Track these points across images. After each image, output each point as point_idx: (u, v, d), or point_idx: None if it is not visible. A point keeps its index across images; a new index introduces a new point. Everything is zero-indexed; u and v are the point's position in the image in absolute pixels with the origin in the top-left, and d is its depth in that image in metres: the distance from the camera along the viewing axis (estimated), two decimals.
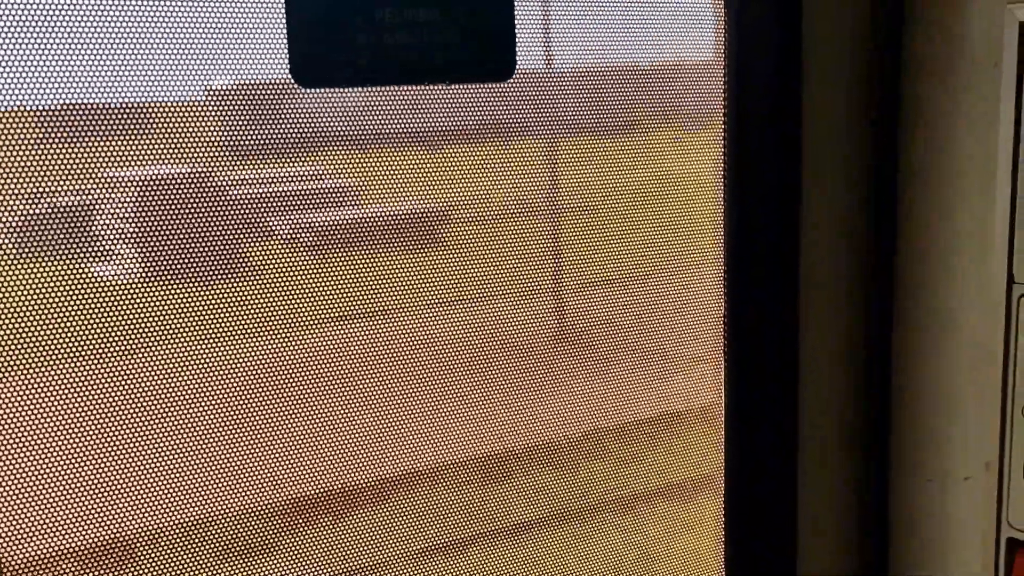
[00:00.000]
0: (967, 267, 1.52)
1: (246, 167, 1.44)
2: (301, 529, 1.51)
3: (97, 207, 1.29)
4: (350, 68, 1.18)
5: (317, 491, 1.53)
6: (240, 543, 1.45)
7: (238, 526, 1.46)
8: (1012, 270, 1.43)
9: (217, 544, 1.43)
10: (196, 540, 1.42)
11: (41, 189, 1.21)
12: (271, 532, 1.49)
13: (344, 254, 1.53)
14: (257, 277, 1.43)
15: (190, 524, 1.42)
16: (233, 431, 1.43)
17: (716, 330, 1.73)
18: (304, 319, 1.49)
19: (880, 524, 1.71)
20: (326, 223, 1.53)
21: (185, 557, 1.40)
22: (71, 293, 1.24)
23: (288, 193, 1.48)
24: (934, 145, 1.55)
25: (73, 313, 1.24)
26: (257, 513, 1.47)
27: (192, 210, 1.33)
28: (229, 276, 1.37)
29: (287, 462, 1.50)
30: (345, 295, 1.47)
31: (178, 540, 1.41)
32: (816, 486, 1.68)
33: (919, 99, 1.56)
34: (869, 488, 1.72)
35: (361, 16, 1.16)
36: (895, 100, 1.59)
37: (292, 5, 1.14)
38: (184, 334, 1.38)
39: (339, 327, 1.49)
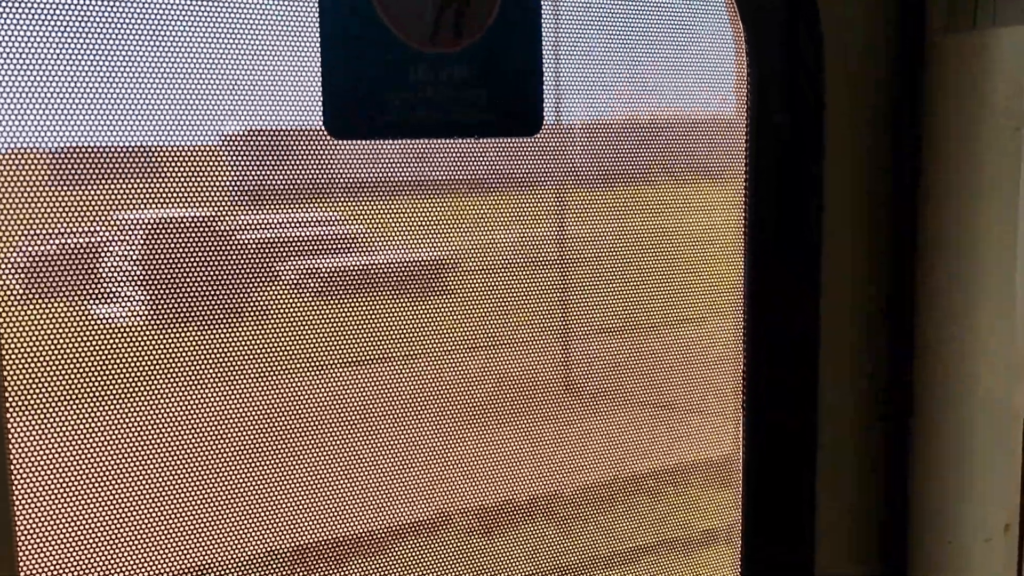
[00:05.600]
0: (989, 328, 1.53)
1: (256, 211, 1.45)
2: None
3: (107, 248, 1.30)
4: (382, 121, 1.20)
5: (316, 539, 1.52)
6: None
7: (239, 574, 1.44)
8: None
9: None
10: None
11: (53, 229, 1.22)
12: None
13: (351, 300, 1.53)
14: (265, 321, 1.44)
15: (192, 571, 1.42)
16: (235, 476, 1.42)
17: (735, 383, 1.73)
18: (311, 364, 1.49)
19: None
20: (334, 269, 1.54)
21: None
22: (77, 334, 1.25)
23: (297, 239, 1.50)
24: (956, 207, 1.56)
25: (78, 354, 1.25)
26: (259, 561, 1.46)
27: (201, 253, 1.34)
28: (236, 319, 1.38)
29: (289, 508, 1.50)
30: (353, 341, 1.48)
31: None
32: (835, 545, 1.67)
33: (941, 163, 1.58)
34: (889, 549, 1.70)
35: (394, 72, 1.18)
36: (917, 164, 1.61)
37: (328, 59, 1.17)
38: (188, 377, 1.39)
39: (346, 372, 1.50)
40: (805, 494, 1.64)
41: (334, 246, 1.55)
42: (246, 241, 1.41)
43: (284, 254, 1.48)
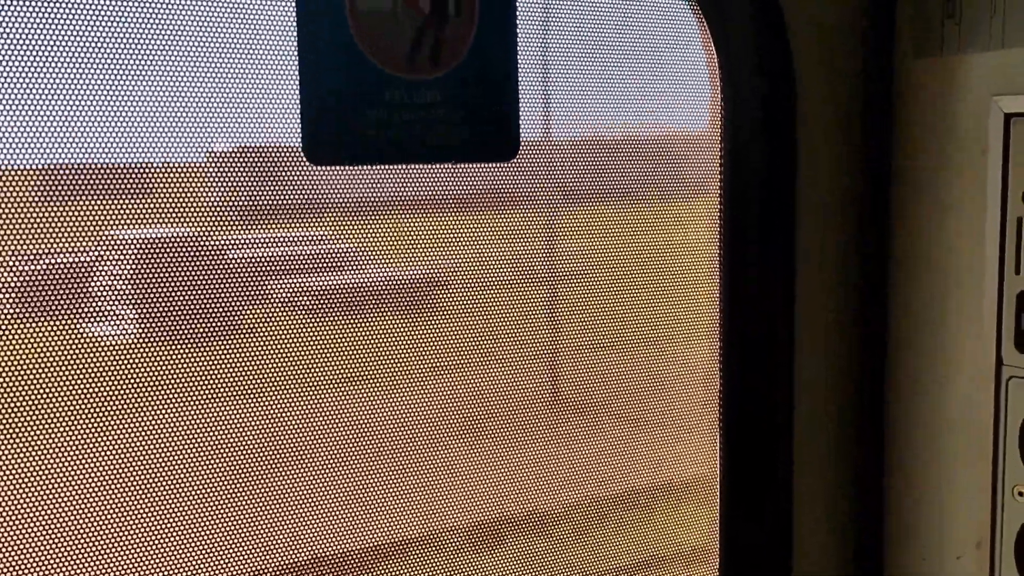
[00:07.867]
0: (957, 349, 1.55)
1: (245, 230, 1.46)
2: None
3: (96, 267, 1.31)
4: (360, 147, 1.21)
5: (308, 558, 1.52)
6: None
7: None
8: (1000, 352, 1.46)
9: None
10: None
11: (41, 248, 1.22)
12: None
13: (341, 318, 1.54)
14: (254, 339, 1.45)
15: None
16: (225, 495, 1.43)
17: (712, 400, 1.74)
18: (301, 383, 1.50)
19: None
20: (322, 287, 1.55)
21: None
22: (68, 353, 1.25)
23: (286, 256, 1.51)
24: (925, 228, 1.59)
25: (69, 373, 1.25)
26: None
27: (190, 272, 1.35)
28: (225, 337, 1.38)
29: (279, 527, 1.50)
30: (344, 359, 1.49)
31: None
32: (811, 564, 1.68)
33: (910, 184, 1.61)
34: (863, 566, 1.72)
35: (372, 98, 1.20)
36: (887, 183, 1.64)
37: (306, 86, 1.18)
38: (179, 395, 1.39)
39: (337, 391, 1.50)
40: (781, 513, 1.65)
41: (323, 264, 1.56)
42: (235, 260, 1.42)
43: (273, 272, 1.49)
